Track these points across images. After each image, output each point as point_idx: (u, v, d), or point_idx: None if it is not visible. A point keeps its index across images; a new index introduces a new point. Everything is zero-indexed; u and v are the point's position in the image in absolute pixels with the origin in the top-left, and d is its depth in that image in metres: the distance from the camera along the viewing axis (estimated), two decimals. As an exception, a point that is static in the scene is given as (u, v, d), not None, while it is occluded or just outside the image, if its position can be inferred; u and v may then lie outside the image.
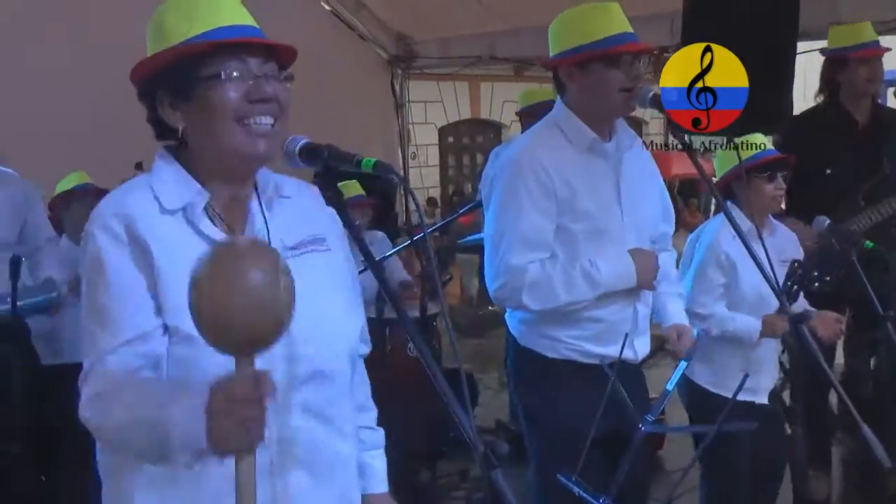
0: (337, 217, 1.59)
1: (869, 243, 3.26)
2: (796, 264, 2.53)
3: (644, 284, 2.52)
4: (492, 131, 15.74)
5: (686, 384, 3.08)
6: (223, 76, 1.40)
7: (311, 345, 1.44)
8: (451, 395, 1.23)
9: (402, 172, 6.85)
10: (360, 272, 1.66)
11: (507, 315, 2.69)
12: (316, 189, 1.57)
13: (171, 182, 1.46)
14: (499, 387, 6.01)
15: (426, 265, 4.07)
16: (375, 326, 4.70)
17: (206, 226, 1.44)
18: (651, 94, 2.37)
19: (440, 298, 4.31)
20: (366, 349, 1.67)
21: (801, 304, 3.10)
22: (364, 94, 6.55)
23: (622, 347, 2.21)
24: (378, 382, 4.42)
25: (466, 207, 4.88)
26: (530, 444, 2.68)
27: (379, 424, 1.73)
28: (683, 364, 2.21)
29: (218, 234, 1.43)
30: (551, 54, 2.50)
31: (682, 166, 11.58)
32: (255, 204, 1.51)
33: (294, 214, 1.52)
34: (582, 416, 2.31)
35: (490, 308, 7.88)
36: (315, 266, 1.50)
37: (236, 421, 1.18)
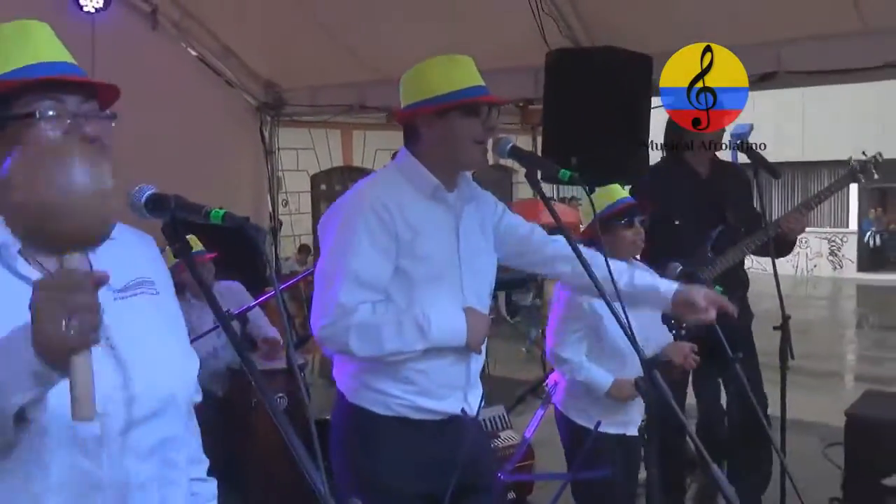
0: (163, 260, 1.53)
1: (718, 288, 3.43)
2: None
3: (473, 346, 2.42)
4: (364, 178, 15.77)
5: (561, 419, 3.17)
6: (37, 115, 1.32)
7: (148, 387, 1.37)
8: (303, 450, 1.20)
9: (272, 220, 6.77)
10: (214, 328, 1.61)
11: (334, 371, 2.51)
12: (141, 231, 1.51)
13: None
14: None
15: (281, 321, 4.01)
16: (244, 377, 4.61)
17: (24, 267, 1.33)
18: (510, 145, 2.35)
19: (291, 354, 4.25)
20: (198, 398, 1.58)
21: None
22: (233, 141, 6.46)
23: (479, 405, 2.17)
24: (243, 435, 4.26)
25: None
26: None
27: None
28: (541, 412, 2.26)
29: (37, 275, 1.30)
30: (405, 104, 2.44)
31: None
32: None
33: (119, 256, 1.41)
34: (416, 476, 2.30)
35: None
36: (145, 309, 1.44)
37: (66, 311, 1.06)
